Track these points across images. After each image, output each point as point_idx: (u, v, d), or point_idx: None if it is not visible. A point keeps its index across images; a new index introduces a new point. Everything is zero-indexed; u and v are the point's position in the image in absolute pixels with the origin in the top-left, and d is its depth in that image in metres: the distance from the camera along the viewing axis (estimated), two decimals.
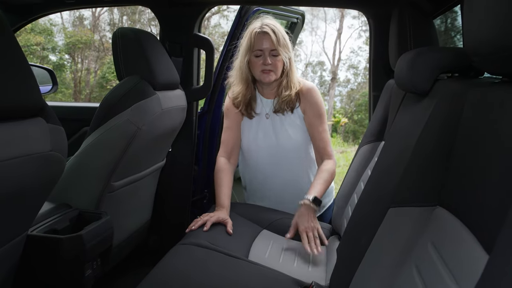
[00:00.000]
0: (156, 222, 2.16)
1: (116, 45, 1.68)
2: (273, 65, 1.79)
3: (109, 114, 1.56)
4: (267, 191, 1.97)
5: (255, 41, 1.78)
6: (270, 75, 1.80)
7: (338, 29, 16.31)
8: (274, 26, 1.78)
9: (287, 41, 1.80)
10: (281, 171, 1.92)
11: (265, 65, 1.78)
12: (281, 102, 1.86)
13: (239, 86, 1.90)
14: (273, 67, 1.79)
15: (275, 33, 1.76)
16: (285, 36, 1.80)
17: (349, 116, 14.74)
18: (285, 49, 1.79)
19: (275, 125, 1.89)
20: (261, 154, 1.92)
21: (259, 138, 1.91)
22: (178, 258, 1.42)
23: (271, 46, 1.77)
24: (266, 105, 1.91)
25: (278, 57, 1.79)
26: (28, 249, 1.16)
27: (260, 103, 1.92)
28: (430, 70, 1.11)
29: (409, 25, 1.49)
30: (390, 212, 1.00)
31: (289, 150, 1.89)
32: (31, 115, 0.92)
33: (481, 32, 0.77)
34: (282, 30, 1.80)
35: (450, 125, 0.91)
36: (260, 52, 1.78)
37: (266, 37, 1.76)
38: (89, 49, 14.87)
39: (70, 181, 1.53)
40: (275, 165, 1.92)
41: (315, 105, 1.86)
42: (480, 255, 0.65)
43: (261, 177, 1.96)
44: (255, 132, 1.92)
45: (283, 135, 1.88)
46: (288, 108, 1.86)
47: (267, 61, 1.78)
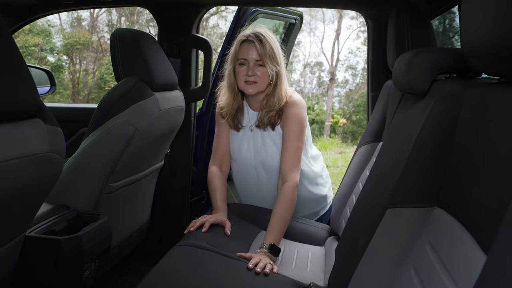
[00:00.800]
0: (155, 223, 2.16)
1: (114, 46, 1.68)
2: (257, 76, 1.70)
3: (107, 115, 1.56)
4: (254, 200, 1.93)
5: (240, 49, 1.71)
6: (253, 86, 1.71)
7: (336, 30, 16.35)
8: (263, 36, 1.69)
9: (276, 53, 1.71)
10: (261, 184, 1.88)
11: (247, 76, 1.70)
12: (262, 117, 1.77)
13: (226, 96, 1.81)
14: (257, 79, 1.70)
15: (261, 43, 1.68)
16: (274, 47, 1.70)
17: (347, 117, 14.76)
18: (272, 61, 1.69)
19: (256, 139, 1.82)
20: (244, 165, 1.87)
21: (242, 150, 1.85)
22: (176, 259, 1.42)
23: (256, 57, 1.69)
24: (252, 118, 1.83)
25: (263, 68, 1.70)
26: (26, 250, 1.16)
27: (246, 115, 1.84)
28: (428, 71, 1.11)
29: (407, 25, 1.50)
30: (388, 213, 1.00)
31: (265, 166, 1.83)
32: (29, 116, 0.91)
33: (478, 33, 0.77)
34: (272, 40, 1.71)
35: (448, 126, 0.91)
36: (244, 61, 1.71)
37: (251, 46, 1.69)
38: (87, 50, 14.86)
39: (68, 182, 1.53)
40: (255, 178, 1.88)
41: (292, 119, 1.74)
42: (478, 255, 0.65)
43: (245, 186, 1.93)
44: (239, 143, 1.85)
45: (262, 151, 1.82)
46: (269, 125, 1.78)
47: (250, 71, 1.69)
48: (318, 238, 1.77)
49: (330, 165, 6.79)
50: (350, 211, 1.61)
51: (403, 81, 1.17)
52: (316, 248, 1.67)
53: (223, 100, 1.83)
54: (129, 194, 1.77)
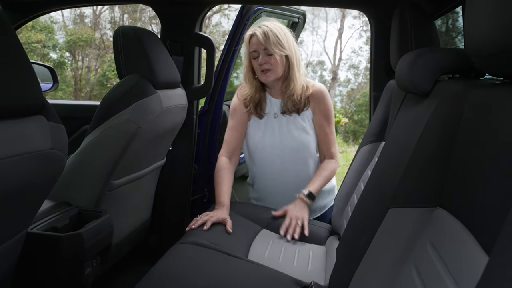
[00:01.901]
0: (156, 221, 2.16)
1: (117, 44, 1.68)
2: (269, 63, 1.82)
3: (109, 112, 1.56)
4: (272, 189, 2.00)
5: (249, 44, 1.86)
6: (268, 74, 1.84)
7: (339, 29, 16.31)
8: (266, 26, 1.81)
9: (281, 39, 1.81)
10: (286, 171, 1.95)
11: (261, 65, 1.83)
12: (286, 103, 1.90)
13: (247, 89, 1.94)
14: (270, 66, 1.82)
15: (265, 34, 1.80)
16: (279, 34, 1.81)
17: (349, 116, 14.72)
18: (278, 47, 1.80)
19: (281, 125, 1.93)
20: (266, 153, 1.96)
21: (265, 137, 1.95)
22: (177, 257, 1.42)
23: (262, 46, 1.81)
24: (275, 105, 1.95)
25: (272, 56, 1.81)
26: (28, 246, 1.16)
27: (269, 103, 1.96)
28: (431, 71, 1.11)
29: (410, 25, 1.49)
30: (390, 213, 1.00)
31: (293, 151, 1.93)
32: (31, 113, 0.92)
33: (482, 33, 0.77)
34: (276, 29, 1.82)
35: (450, 126, 0.91)
36: (255, 53, 1.84)
37: (257, 38, 1.82)
38: (89, 47, 14.86)
39: (70, 179, 1.54)
40: (280, 165, 1.94)
41: (323, 106, 1.90)
42: (480, 256, 0.65)
43: (267, 176, 1.99)
44: (262, 131, 1.95)
45: (287, 136, 1.92)
46: (294, 110, 1.91)
47: (261, 60, 1.82)
48: (319, 237, 1.77)
49: None
50: (351, 210, 1.61)
51: (406, 81, 1.17)
52: (317, 247, 1.67)
53: (245, 92, 1.96)
54: (130, 191, 1.77)
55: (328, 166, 1.91)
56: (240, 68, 3.59)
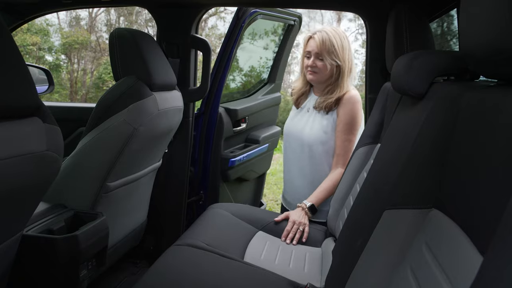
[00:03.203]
0: (152, 223, 2.16)
1: (113, 46, 1.68)
2: (316, 67, 1.98)
3: (105, 114, 1.55)
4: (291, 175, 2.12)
5: (306, 44, 2.02)
6: (313, 76, 2.01)
7: None
8: (325, 33, 1.95)
9: (337, 49, 1.95)
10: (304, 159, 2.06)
11: (309, 66, 1.99)
12: (321, 101, 2.02)
13: (298, 82, 2.16)
14: (317, 69, 1.99)
15: (322, 39, 1.94)
16: (336, 43, 1.95)
17: None
18: (331, 56, 1.95)
19: (308, 118, 2.07)
20: (290, 140, 2.12)
21: (292, 125, 2.12)
22: (173, 259, 1.42)
23: (315, 50, 1.96)
24: (312, 100, 2.10)
25: (322, 61, 1.97)
26: (23, 249, 1.16)
27: (309, 97, 2.13)
28: (426, 73, 1.12)
29: (406, 27, 1.50)
30: (386, 214, 1.00)
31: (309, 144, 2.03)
32: (27, 115, 0.91)
33: (477, 35, 0.77)
34: (335, 37, 1.95)
35: (445, 128, 0.91)
36: (308, 54, 2.01)
37: (313, 41, 1.97)
38: (85, 50, 14.81)
39: (65, 181, 1.53)
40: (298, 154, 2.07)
41: (348, 112, 1.98)
42: (474, 257, 0.65)
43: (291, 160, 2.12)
44: (292, 119, 2.15)
45: (307, 130, 2.04)
46: (325, 109, 2.02)
47: (311, 62, 1.98)
48: (315, 239, 1.77)
49: None
50: (347, 212, 1.61)
51: (401, 83, 1.18)
52: (313, 249, 1.67)
53: (295, 85, 2.19)
54: (126, 193, 1.77)
55: (334, 177, 1.95)
56: (236, 70, 3.59)
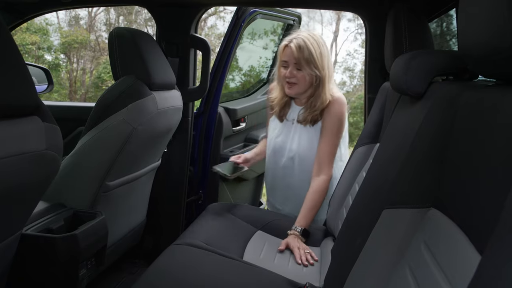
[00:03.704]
0: (151, 222, 2.16)
1: (113, 45, 1.68)
2: (296, 78, 1.83)
3: (104, 114, 1.56)
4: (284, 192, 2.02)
5: (282, 52, 1.85)
6: (292, 88, 1.85)
7: (334, 31, 16.36)
8: (303, 41, 1.79)
9: (316, 58, 1.80)
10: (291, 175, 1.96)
11: (287, 77, 1.84)
12: (306, 115, 1.90)
13: (276, 93, 1.98)
14: (296, 80, 1.83)
15: (300, 48, 1.78)
16: (314, 52, 1.79)
17: None
18: (309, 65, 1.80)
19: (294, 131, 1.95)
20: (276, 155, 1.99)
21: (278, 139, 1.99)
22: (172, 258, 1.42)
23: (293, 60, 1.81)
24: (295, 111, 1.96)
25: (301, 71, 1.82)
26: (23, 248, 1.16)
27: (292, 108, 1.98)
28: (425, 73, 1.12)
29: (405, 27, 1.50)
30: (384, 214, 1.00)
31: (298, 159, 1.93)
32: (26, 114, 0.92)
33: (475, 35, 0.77)
34: (313, 44, 1.79)
35: (444, 128, 0.92)
36: (285, 63, 1.85)
37: (290, 50, 1.81)
38: (84, 49, 14.81)
39: (65, 181, 1.53)
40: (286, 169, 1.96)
41: (334, 116, 1.88)
42: (473, 256, 0.65)
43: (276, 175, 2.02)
44: (277, 132, 2.00)
45: (297, 144, 1.93)
46: (310, 123, 1.90)
47: (289, 73, 1.83)
48: (314, 239, 1.77)
49: None
50: (346, 212, 1.62)
51: (399, 83, 1.18)
52: (312, 249, 1.67)
53: (273, 96, 2.00)
54: (125, 193, 1.77)
55: (320, 187, 1.82)
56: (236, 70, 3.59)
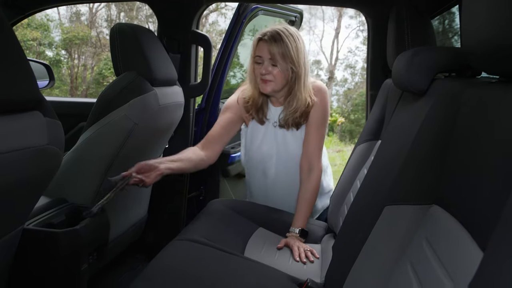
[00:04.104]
0: (153, 218, 2.16)
1: (114, 41, 1.68)
2: (271, 75, 1.69)
3: (106, 109, 1.56)
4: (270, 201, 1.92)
5: (256, 47, 1.71)
6: (268, 85, 1.71)
7: (336, 28, 16.33)
8: (279, 35, 1.66)
9: (292, 51, 1.67)
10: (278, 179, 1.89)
11: (262, 74, 1.70)
12: (287, 118, 1.78)
13: (251, 91, 1.81)
14: (272, 77, 1.70)
15: (275, 42, 1.66)
16: (291, 46, 1.67)
17: (346, 116, 14.74)
18: (286, 61, 1.67)
19: (278, 137, 1.84)
20: (262, 162, 1.88)
21: (262, 146, 1.86)
22: (173, 254, 1.42)
23: (268, 55, 1.68)
24: (275, 113, 1.84)
25: (276, 67, 1.68)
26: (24, 242, 1.16)
27: (269, 110, 1.85)
28: (427, 70, 1.12)
29: (407, 24, 1.50)
30: (386, 210, 1.00)
31: (288, 163, 1.85)
32: (28, 109, 0.92)
33: (479, 32, 0.77)
34: (289, 39, 1.67)
35: (446, 125, 0.91)
36: (259, 59, 1.70)
37: (265, 44, 1.67)
38: (86, 45, 14.81)
39: (66, 176, 1.53)
40: (274, 175, 1.88)
41: (320, 106, 1.78)
42: (475, 252, 0.66)
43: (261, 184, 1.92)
44: (260, 139, 1.86)
45: (284, 148, 1.84)
46: (293, 126, 1.80)
47: (264, 69, 1.69)
48: (315, 235, 1.77)
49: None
50: (347, 209, 1.62)
51: (402, 79, 1.18)
52: (313, 246, 1.67)
53: (248, 95, 1.83)
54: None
55: (310, 187, 1.75)
56: (237, 67, 3.59)
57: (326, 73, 16.37)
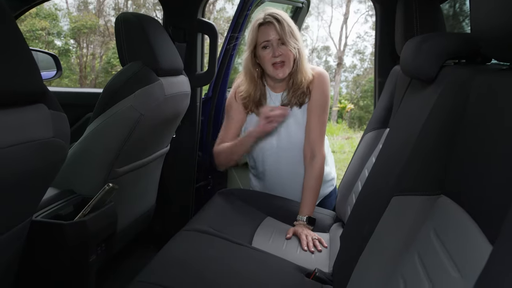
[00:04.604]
0: (161, 208, 2.17)
1: (119, 31, 1.67)
2: (284, 55, 1.69)
3: (112, 100, 1.55)
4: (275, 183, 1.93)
5: (259, 33, 1.70)
6: (283, 69, 1.71)
7: (344, 13, 16.16)
8: (278, 15, 1.68)
9: (294, 30, 1.70)
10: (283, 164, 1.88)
11: (275, 57, 1.69)
12: (290, 97, 1.78)
13: (246, 85, 1.81)
14: (285, 58, 1.69)
15: (279, 22, 1.66)
16: (291, 25, 1.70)
17: (355, 102, 14.66)
18: (292, 39, 1.68)
19: None
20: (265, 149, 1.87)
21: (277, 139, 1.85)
22: (181, 244, 1.43)
23: (277, 36, 1.67)
24: (275, 100, 1.83)
25: (287, 47, 1.68)
26: (33, 234, 1.17)
27: (269, 98, 1.84)
28: (436, 56, 1.09)
29: (416, 10, 1.47)
30: (394, 200, 0.99)
31: (289, 150, 1.84)
32: (32, 102, 0.91)
33: (489, 18, 0.75)
34: (287, 18, 1.70)
35: (455, 113, 0.90)
36: (267, 43, 1.69)
37: (270, 27, 1.67)
38: (94, 34, 14.82)
39: (74, 167, 1.54)
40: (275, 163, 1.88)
41: (321, 92, 1.77)
42: (483, 245, 0.64)
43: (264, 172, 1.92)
44: None
45: (284, 134, 1.83)
46: (298, 103, 1.79)
47: (276, 52, 1.68)
48: (323, 224, 1.77)
49: (336, 150, 6.77)
50: (355, 197, 1.61)
51: (410, 67, 1.15)
52: (321, 235, 1.67)
53: (244, 90, 1.82)
54: (134, 179, 1.78)
55: (315, 173, 1.75)
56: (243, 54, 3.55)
57: (334, 59, 16.26)
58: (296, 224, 1.69)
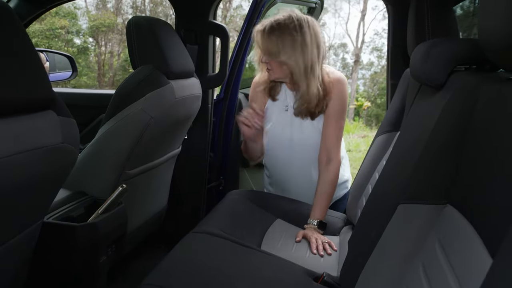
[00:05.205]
0: (172, 209, 2.19)
1: (130, 34, 1.68)
2: (269, 64, 1.71)
3: (123, 103, 1.57)
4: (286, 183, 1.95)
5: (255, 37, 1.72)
6: (270, 73, 1.74)
7: (361, 10, 16.01)
8: (273, 25, 1.65)
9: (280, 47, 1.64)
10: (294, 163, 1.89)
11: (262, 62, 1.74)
12: (301, 108, 1.78)
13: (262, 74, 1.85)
14: (269, 66, 1.71)
15: (266, 33, 1.65)
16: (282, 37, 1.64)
17: (372, 100, 14.51)
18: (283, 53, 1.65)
19: (293, 120, 1.84)
20: (275, 143, 1.88)
21: (275, 128, 1.87)
22: (190, 247, 1.44)
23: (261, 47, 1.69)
24: (289, 96, 1.84)
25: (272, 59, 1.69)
26: (44, 236, 1.19)
27: (283, 92, 1.86)
28: (445, 63, 1.08)
29: (428, 12, 1.44)
30: (400, 208, 0.98)
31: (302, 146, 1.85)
32: (41, 108, 0.92)
33: (495, 28, 0.74)
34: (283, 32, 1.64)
35: (462, 120, 0.89)
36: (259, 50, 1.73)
37: (259, 36, 1.68)
38: (112, 32, 14.97)
39: (85, 169, 1.56)
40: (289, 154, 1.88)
41: (339, 98, 1.77)
42: (485, 258, 0.64)
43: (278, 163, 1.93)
44: (273, 120, 1.87)
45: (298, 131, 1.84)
46: (307, 116, 1.80)
47: (263, 58, 1.71)
48: (333, 227, 1.76)
49: (352, 149, 6.72)
50: (365, 201, 1.60)
51: (419, 72, 1.14)
52: (331, 238, 1.67)
53: (261, 77, 1.86)
54: (146, 181, 1.80)
55: (329, 178, 1.76)
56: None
57: (352, 56, 16.12)
58: (306, 228, 1.69)
